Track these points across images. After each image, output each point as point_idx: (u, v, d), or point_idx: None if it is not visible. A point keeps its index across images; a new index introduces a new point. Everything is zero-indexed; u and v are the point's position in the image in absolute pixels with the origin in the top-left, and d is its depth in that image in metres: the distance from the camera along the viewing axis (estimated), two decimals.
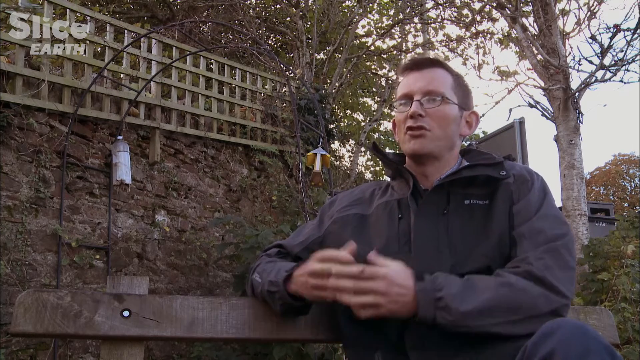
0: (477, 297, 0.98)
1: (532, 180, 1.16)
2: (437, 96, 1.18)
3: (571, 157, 5.01)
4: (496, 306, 0.98)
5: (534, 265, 1.03)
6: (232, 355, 3.31)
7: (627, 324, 3.23)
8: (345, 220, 1.24)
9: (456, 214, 1.12)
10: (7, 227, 3.22)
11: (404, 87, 1.23)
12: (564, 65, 4.94)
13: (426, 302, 0.97)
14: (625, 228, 4.10)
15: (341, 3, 8.69)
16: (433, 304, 0.97)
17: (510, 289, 1.00)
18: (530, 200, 1.12)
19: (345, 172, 8.66)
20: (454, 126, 1.20)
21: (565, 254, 1.06)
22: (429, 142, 1.18)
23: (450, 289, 0.98)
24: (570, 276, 1.05)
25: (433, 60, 1.24)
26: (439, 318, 0.97)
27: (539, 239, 1.07)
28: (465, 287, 1.00)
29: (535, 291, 1.00)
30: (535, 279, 1.01)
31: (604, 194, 23.74)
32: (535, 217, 1.10)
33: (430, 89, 1.19)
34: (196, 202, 4.65)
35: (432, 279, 1.00)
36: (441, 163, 1.21)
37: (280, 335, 1.21)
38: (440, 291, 0.98)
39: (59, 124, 3.62)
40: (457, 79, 1.24)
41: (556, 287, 1.01)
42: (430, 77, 1.21)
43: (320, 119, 4.57)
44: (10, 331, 1.10)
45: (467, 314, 0.96)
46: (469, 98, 1.26)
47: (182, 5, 7.95)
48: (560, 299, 1.01)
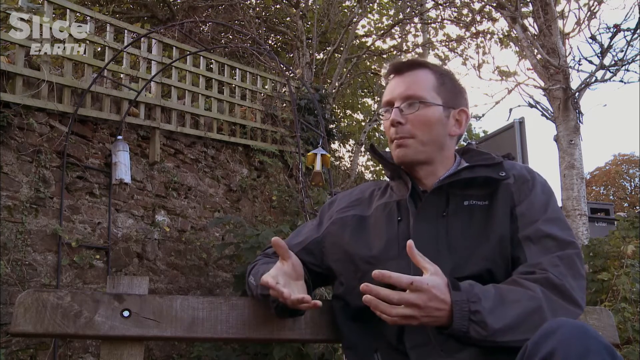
0: (508, 312, 0.96)
1: (533, 180, 1.15)
2: (416, 100, 1.16)
3: (571, 157, 5.01)
4: (524, 322, 0.96)
5: (550, 272, 1.02)
6: (232, 355, 3.31)
7: (627, 324, 3.22)
8: (345, 222, 1.23)
9: (456, 216, 1.12)
10: (7, 227, 3.22)
11: (386, 94, 1.22)
12: (564, 65, 4.94)
13: (461, 315, 0.94)
14: (625, 228, 4.10)
15: (341, 3, 8.69)
16: (467, 316, 0.94)
17: (537, 302, 0.98)
18: (534, 202, 1.11)
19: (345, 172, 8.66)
20: (438, 128, 1.17)
21: (578, 262, 1.06)
22: (413, 150, 1.16)
23: (486, 302, 0.96)
24: (582, 285, 1.04)
25: (413, 62, 1.22)
26: (472, 332, 0.94)
27: (549, 245, 1.06)
28: (497, 300, 0.97)
29: (556, 305, 0.99)
30: (553, 286, 1.00)
31: (604, 194, 23.74)
32: (542, 220, 1.08)
33: (409, 93, 1.17)
34: (196, 202, 4.65)
35: (468, 290, 0.97)
36: (433, 166, 1.19)
37: (280, 335, 1.20)
38: (475, 304, 0.95)
39: (59, 124, 3.62)
40: (442, 77, 1.20)
41: (574, 298, 1.01)
42: (409, 81, 1.18)
43: (320, 119, 4.57)
44: (10, 331, 1.10)
45: (498, 331, 0.95)
46: (457, 96, 1.22)
47: (182, 5, 7.94)
48: (577, 309, 1.01)
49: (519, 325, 0.96)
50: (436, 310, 0.94)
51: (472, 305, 0.94)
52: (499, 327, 0.94)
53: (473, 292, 0.96)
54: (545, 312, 0.97)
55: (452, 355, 1.02)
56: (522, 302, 0.98)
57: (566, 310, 0.99)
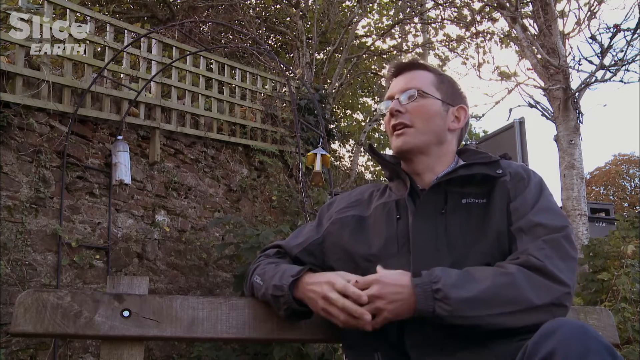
0: (475, 285, 0.99)
1: (529, 178, 1.17)
2: (414, 91, 1.21)
3: (571, 157, 5.01)
4: (495, 295, 0.98)
5: (533, 255, 1.03)
6: (232, 355, 3.31)
7: (627, 324, 3.22)
8: (344, 222, 1.24)
9: (454, 213, 1.13)
10: (7, 227, 3.22)
11: (388, 92, 1.28)
12: (564, 65, 4.94)
13: (424, 294, 0.98)
14: (625, 228, 4.09)
15: (341, 3, 8.69)
16: (431, 296, 0.98)
17: (509, 277, 1.00)
18: (527, 196, 1.13)
19: (345, 172, 8.66)
20: (437, 120, 1.21)
21: (565, 244, 1.06)
22: (412, 138, 1.19)
23: (448, 280, 0.99)
24: (571, 265, 1.05)
25: (413, 63, 1.28)
26: (437, 309, 0.97)
27: (538, 232, 1.07)
28: (463, 277, 1.01)
29: (535, 280, 1.00)
30: (534, 267, 1.01)
31: (604, 194, 23.74)
32: (532, 211, 1.11)
33: (408, 86, 1.22)
34: (196, 202, 4.65)
35: (429, 273, 1.01)
36: (431, 159, 1.21)
37: (280, 335, 1.20)
38: (437, 283, 0.99)
39: (59, 124, 3.62)
40: (441, 77, 1.26)
41: (557, 275, 1.01)
42: (409, 77, 1.25)
43: (320, 119, 4.57)
44: (10, 331, 1.10)
45: (465, 301, 0.97)
46: (456, 95, 1.26)
47: (182, 5, 7.95)
48: (561, 287, 1.01)
49: (490, 299, 0.98)
50: (396, 294, 1.00)
51: (434, 285, 0.98)
52: (463, 299, 0.97)
53: (434, 274, 1.01)
54: (520, 288, 0.99)
55: (452, 354, 1.02)
56: (490, 278, 1.00)
57: (547, 286, 1.00)
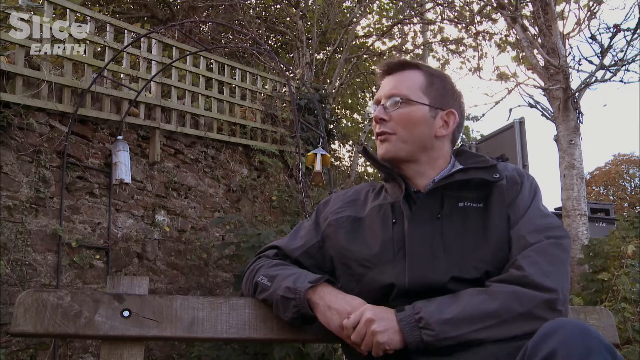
0: (455, 307, 0.99)
1: (522, 183, 1.16)
2: (398, 98, 1.17)
3: (571, 157, 5.00)
4: (473, 311, 0.98)
5: (517, 265, 1.03)
6: (232, 355, 3.31)
7: (627, 324, 3.23)
8: (339, 223, 1.23)
9: (450, 218, 1.12)
10: (7, 227, 3.22)
11: (376, 94, 1.25)
12: (564, 65, 4.94)
13: (410, 327, 0.99)
14: (625, 228, 4.09)
15: (341, 3, 8.69)
16: (416, 326, 0.98)
17: (486, 293, 1.01)
18: (519, 204, 1.13)
19: (345, 172, 8.66)
20: (422, 127, 1.17)
21: (554, 248, 1.06)
22: (393, 146, 1.18)
23: (429, 307, 1.00)
24: (559, 269, 1.04)
25: (404, 62, 1.24)
26: (425, 337, 0.98)
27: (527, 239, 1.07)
28: (443, 302, 1.01)
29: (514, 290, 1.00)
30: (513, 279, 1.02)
31: (604, 194, 23.74)
32: (524, 218, 1.10)
33: (394, 92, 1.19)
34: (196, 202, 4.65)
35: (411, 306, 1.02)
36: (420, 165, 1.19)
37: (280, 335, 1.20)
38: (418, 313, 0.99)
39: (59, 124, 3.62)
40: (432, 78, 1.21)
41: (538, 282, 1.00)
42: (397, 79, 1.21)
43: (320, 119, 4.57)
44: (10, 331, 1.10)
45: (446, 323, 0.97)
46: (447, 98, 1.21)
47: (182, 5, 7.94)
48: (544, 293, 1.00)
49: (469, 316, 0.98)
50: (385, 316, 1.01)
51: (416, 316, 1.00)
52: (443, 321, 0.97)
53: (416, 306, 1.01)
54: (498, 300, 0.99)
55: (451, 354, 1.02)
56: (467, 297, 1.01)
57: (529, 295, 0.99)
